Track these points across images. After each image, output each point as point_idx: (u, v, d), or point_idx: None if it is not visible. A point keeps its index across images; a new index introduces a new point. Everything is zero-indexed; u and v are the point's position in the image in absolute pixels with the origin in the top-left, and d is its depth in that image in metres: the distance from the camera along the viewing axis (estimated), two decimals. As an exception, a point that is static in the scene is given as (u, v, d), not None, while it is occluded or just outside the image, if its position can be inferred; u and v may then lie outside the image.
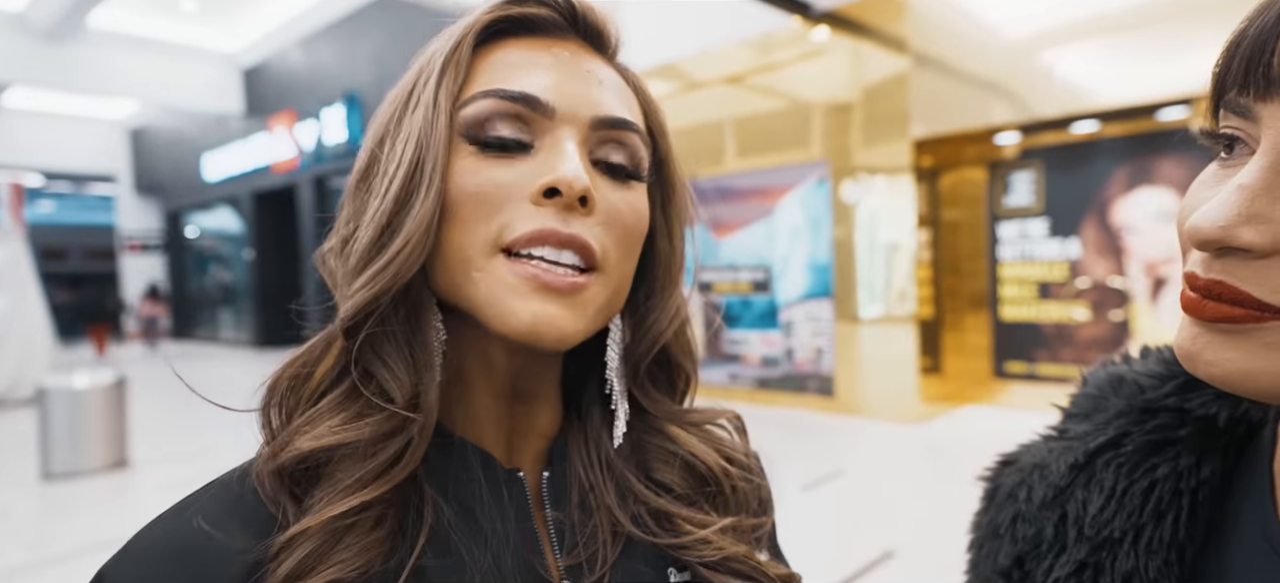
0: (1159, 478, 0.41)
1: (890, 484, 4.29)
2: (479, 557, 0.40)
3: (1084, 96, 4.88)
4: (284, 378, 0.41)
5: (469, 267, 0.39)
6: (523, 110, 0.40)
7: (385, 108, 0.44)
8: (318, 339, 0.42)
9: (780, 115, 6.30)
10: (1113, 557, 0.41)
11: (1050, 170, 5.58)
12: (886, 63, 5.56)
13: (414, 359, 0.40)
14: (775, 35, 6.17)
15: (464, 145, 0.40)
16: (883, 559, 3.14)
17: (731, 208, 6.67)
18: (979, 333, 6.01)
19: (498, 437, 0.44)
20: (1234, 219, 0.31)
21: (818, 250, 6.06)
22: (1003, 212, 5.80)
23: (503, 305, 0.38)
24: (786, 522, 2.32)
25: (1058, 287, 5.55)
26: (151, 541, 0.38)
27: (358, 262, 0.40)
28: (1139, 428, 0.43)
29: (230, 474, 0.41)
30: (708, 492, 0.47)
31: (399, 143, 0.40)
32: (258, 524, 0.38)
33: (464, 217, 0.39)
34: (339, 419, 0.39)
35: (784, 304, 6.34)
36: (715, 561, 0.44)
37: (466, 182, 0.39)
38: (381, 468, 0.38)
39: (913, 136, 5.45)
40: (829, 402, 6.02)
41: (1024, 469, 0.48)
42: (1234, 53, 0.33)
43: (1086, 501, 0.43)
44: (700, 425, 0.49)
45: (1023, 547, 0.45)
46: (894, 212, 5.61)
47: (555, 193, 0.38)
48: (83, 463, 5.04)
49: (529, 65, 0.41)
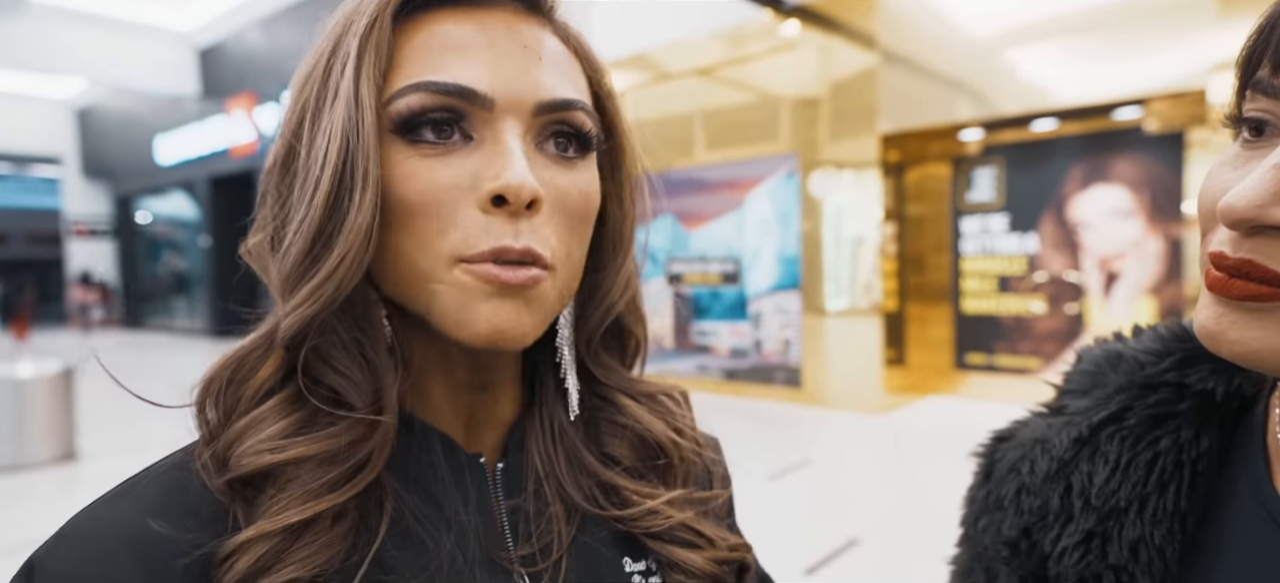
0: (1161, 450, 0.43)
1: (855, 473, 4.37)
2: (441, 543, 0.39)
3: (1044, 95, 5.01)
4: (221, 375, 0.39)
5: (427, 280, 0.37)
6: (458, 103, 0.37)
7: (298, 87, 0.40)
8: (259, 336, 0.40)
9: (750, 108, 6.33)
10: (1120, 526, 0.42)
11: (1011, 167, 5.72)
12: (855, 58, 5.62)
13: (369, 362, 0.38)
14: (746, 28, 6.19)
15: (396, 141, 0.37)
16: (847, 547, 3.20)
17: (701, 200, 6.69)
18: (941, 325, 6.15)
19: (457, 422, 0.43)
20: (1269, 198, 0.31)
21: (786, 243, 6.12)
22: (965, 207, 5.93)
23: (466, 313, 0.37)
24: (753, 511, 2.35)
25: (1016, 280, 5.70)
26: (92, 527, 0.35)
27: (291, 275, 0.37)
28: (1140, 403, 0.45)
29: (167, 461, 0.39)
30: (657, 465, 0.47)
31: (320, 137, 0.37)
32: (204, 515, 0.36)
33: (412, 226, 0.36)
34: (289, 423, 0.37)
35: (753, 296, 6.39)
36: (662, 530, 0.45)
37: (407, 187, 0.36)
38: (347, 475, 0.37)
39: (880, 132, 5.53)
40: (796, 392, 6.10)
41: (1024, 444, 0.49)
42: (1269, 32, 0.33)
43: (1092, 473, 0.44)
44: (651, 398, 0.49)
45: (1029, 518, 0.46)
46: (861, 205, 5.69)
47: (503, 201, 0.36)
48: (28, 456, 4.84)
49: (460, 47, 0.37)
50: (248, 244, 0.42)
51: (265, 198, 0.41)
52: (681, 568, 0.45)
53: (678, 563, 0.45)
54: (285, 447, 0.36)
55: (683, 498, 0.47)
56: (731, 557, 0.47)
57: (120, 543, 0.35)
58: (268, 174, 0.40)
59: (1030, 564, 0.45)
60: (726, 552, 0.47)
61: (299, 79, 0.40)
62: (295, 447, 0.36)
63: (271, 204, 0.40)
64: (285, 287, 0.38)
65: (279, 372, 0.39)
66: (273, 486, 0.36)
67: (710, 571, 0.46)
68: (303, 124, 0.38)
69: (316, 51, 0.40)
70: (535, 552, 0.42)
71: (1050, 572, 0.44)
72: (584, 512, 0.45)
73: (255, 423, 0.37)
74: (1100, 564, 0.42)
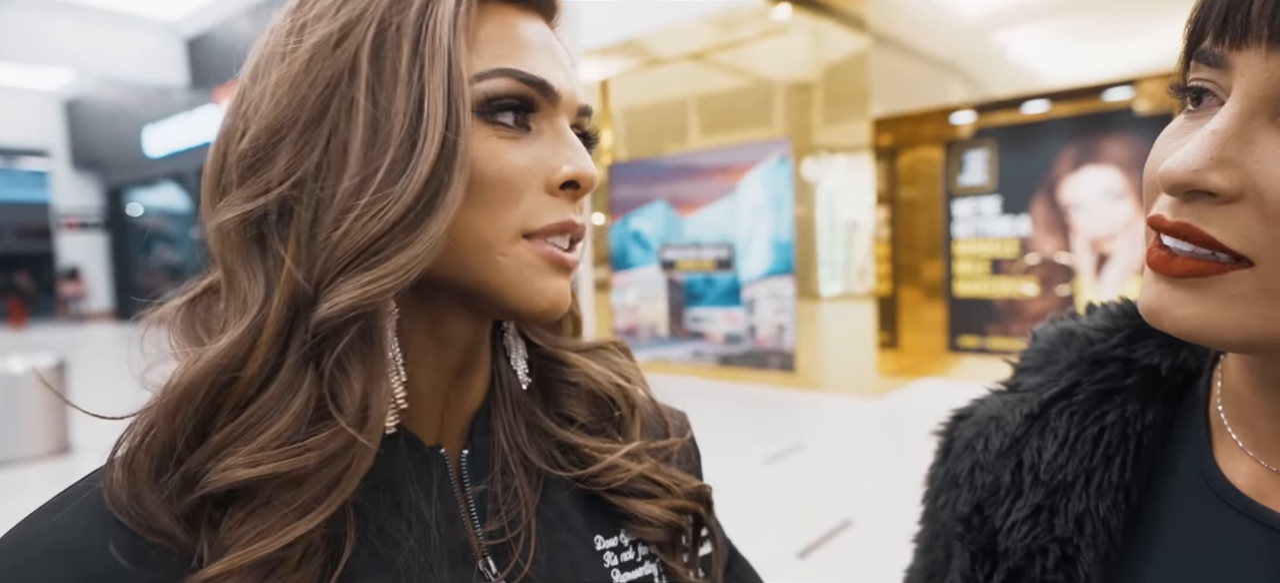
0: (1108, 425, 0.44)
1: (849, 456, 4.40)
2: (403, 544, 0.40)
3: (1035, 77, 5.02)
4: (201, 386, 0.34)
5: (492, 251, 0.38)
6: (535, 94, 0.39)
7: (326, 36, 0.35)
8: (241, 333, 0.35)
9: (743, 93, 6.31)
10: (1066, 499, 0.43)
11: (1002, 150, 5.73)
12: (847, 41, 5.61)
13: (368, 362, 0.36)
14: (737, 12, 6.16)
15: (476, 121, 0.38)
16: (842, 528, 3.23)
17: (695, 186, 6.68)
18: (934, 308, 6.18)
19: (431, 413, 0.43)
20: (1206, 163, 0.32)
21: (780, 228, 6.13)
22: (958, 190, 5.94)
23: (529, 286, 0.39)
24: (748, 494, 2.36)
25: (1009, 263, 5.73)
26: (29, 538, 0.34)
27: (361, 250, 0.34)
28: (1089, 378, 0.46)
29: (90, 481, 0.36)
30: (613, 418, 0.49)
31: (401, 102, 0.35)
32: (147, 549, 0.34)
33: (486, 201, 0.38)
34: (279, 431, 0.34)
35: (747, 282, 6.40)
36: (624, 484, 0.46)
37: (489, 166, 0.37)
38: (319, 495, 0.34)
39: (872, 115, 5.53)
40: (790, 377, 6.13)
41: (980, 422, 0.50)
42: (1211, 4, 0.34)
43: (1041, 448, 0.45)
44: (591, 351, 0.51)
45: (981, 494, 0.47)
46: (854, 190, 5.70)
47: (572, 185, 0.40)
48: (22, 449, 4.83)
49: (526, 44, 0.40)
50: (225, 218, 0.36)
51: (268, 161, 0.36)
52: (639, 520, 0.46)
53: (636, 515, 0.46)
54: (259, 461, 0.34)
55: (640, 448, 0.48)
56: (687, 505, 0.48)
57: (60, 557, 0.33)
58: (272, 132, 0.35)
59: (981, 539, 0.46)
60: (682, 499, 0.48)
61: (326, 33, 0.36)
62: (269, 462, 0.34)
63: (286, 165, 0.35)
64: (345, 262, 0.34)
65: (268, 367, 0.35)
66: (241, 507, 0.34)
67: (666, 519, 0.47)
68: (353, 83, 0.35)
69: (351, 6, 0.36)
70: (503, 526, 0.43)
71: (1000, 546, 0.45)
72: (547, 475, 0.46)
73: (240, 433, 0.34)
74: (1047, 537, 0.43)
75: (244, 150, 0.36)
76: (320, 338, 0.35)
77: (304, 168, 0.35)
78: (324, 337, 0.35)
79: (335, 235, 0.35)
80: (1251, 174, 0.31)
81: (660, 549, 0.47)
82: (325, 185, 0.35)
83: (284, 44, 0.37)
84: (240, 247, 0.36)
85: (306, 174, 0.35)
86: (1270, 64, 0.31)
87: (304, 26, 0.37)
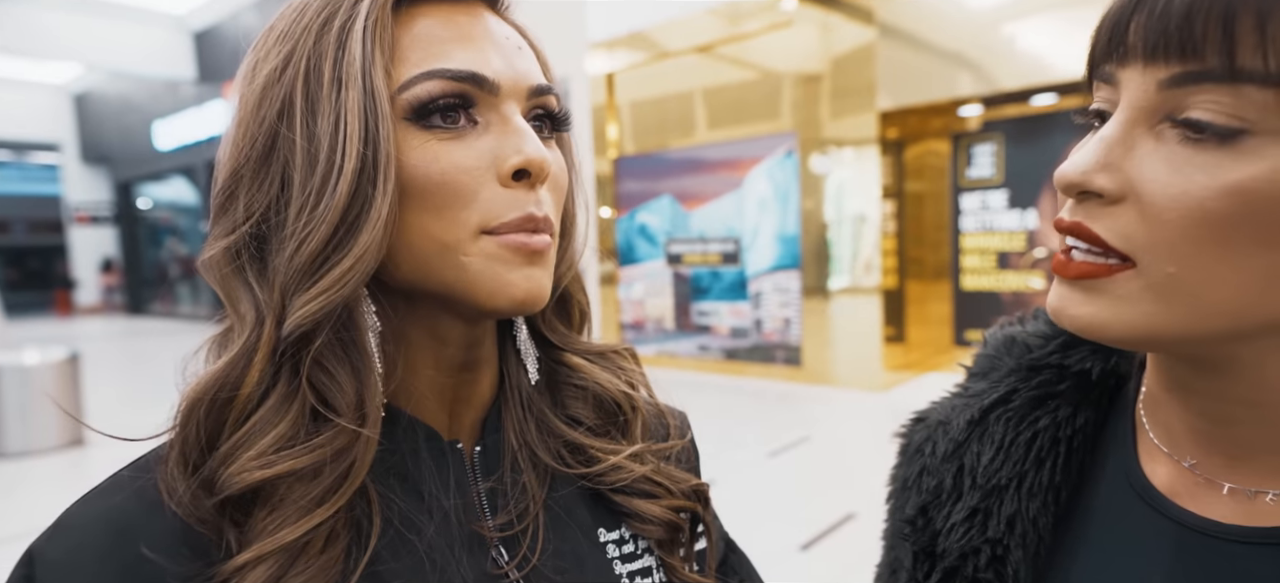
0: (1040, 429, 0.46)
1: (854, 450, 4.41)
2: (425, 532, 0.42)
3: (1044, 69, 4.98)
4: (203, 402, 0.38)
5: (454, 252, 0.39)
6: (470, 89, 0.39)
7: (270, 73, 0.39)
8: (237, 354, 0.38)
9: (750, 86, 6.29)
10: (999, 502, 0.46)
11: (1010, 143, 5.69)
12: (854, 34, 5.58)
13: (353, 364, 0.39)
14: (744, 5, 6.14)
15: (409, 128, 0.39)
16: (845, 521, 3.24)
17: (701, 180, 6.67)
18: (941, 302, 6.16)
19: (440, 408, 0.45)
20: (1093, 166, 0.36)
21: (786, 222, 6.12)
22: (965, 183, 5.91)
23: (498, 280, 0.39)
24: (752, 487, 2.37)
25: (1016, 257, 5.70)
26: (87, 517, 0.37)
27: (308, 266, 0.37)
28: (1026, 385, 0.48)
29: (143, 463, 0.39)
30: (617, 421, 0.50)
31: (325, 126, 0.37)
32: (192, 536, 0.37)
33: (435, 204, 0.38)
34: (279, 434, 0.37)
35: (753, 276, 6.40)
36: (628, 484, 0.48)
37: (430, 169, 0.38)
38: (332, 486, 0.37)
39: (879, 108, 5.50)
40: (796, 371, 6.13)
41: (930, 426, 0.52)
42: (1100, 29, 0.38)
43: (980, 452, 0.47)
44: (601, 356, 0.52)
45: (926, 497, 0.49)
46: (860, 183, 5.68)
47: (524, 174, 0.40)
48: (36, 441, 4.89)
49: (461, 38, 0.40)
50: (208, 255, 0.40)
51: (233, 199, 0.39)
52: (640, 518, 0.48)
53: (638, 513, 0.48)
54: (273, 462, 0.36)
55: (643, 451, 0.50)
56: (686, 504, 0.50)
57: (113, 534, 0.36)
58: (233, 175, 0.39)
59: (923, 539, 0.48)
60: (680, 498, 0.50)
61: (270, 71, 0.39)
62: (283, 461, 0.36)
63: (246, 203, 0.39)
64: (296, 281, 0.37)
65: (264, 381, 0.38)
66: (262, 505, 0.37)
67: (666, 518, 0.49)
68: (291, 112, 0.38)
69: (287, 41, 0.39)
70: (512, 518, 0.45)
71: (938, 547, 0.47)
72: (554, 471, 0.48)
73: (243, 442, 0.37)
74: (980, 538, 0.45)
75: (217, 192, 0.40)
76: (295, 349, 0.38)
77: (264, 202, 0.39)
78: (297, 347, 0.38)
79: (285, 257, 0.38)
80: (1131, 177, 0.35)
81: (659, 545, 0.49)
82: (280, 214, 0.38)
83: (244, 86, 0.40)
84: (227, 278, 0.40)
85: (268, 206, 0.39)
86: (1147, 77, 0.35)
87: (256, 66, 0.40)
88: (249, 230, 0.39)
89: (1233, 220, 0.32)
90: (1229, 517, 0.39)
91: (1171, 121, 0.34)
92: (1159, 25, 0.33)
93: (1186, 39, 0.32)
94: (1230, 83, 0.32)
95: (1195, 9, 0.32)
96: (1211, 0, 0.32)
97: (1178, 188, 0.33)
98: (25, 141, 16.97)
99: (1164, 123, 0.34)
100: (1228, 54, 0.31)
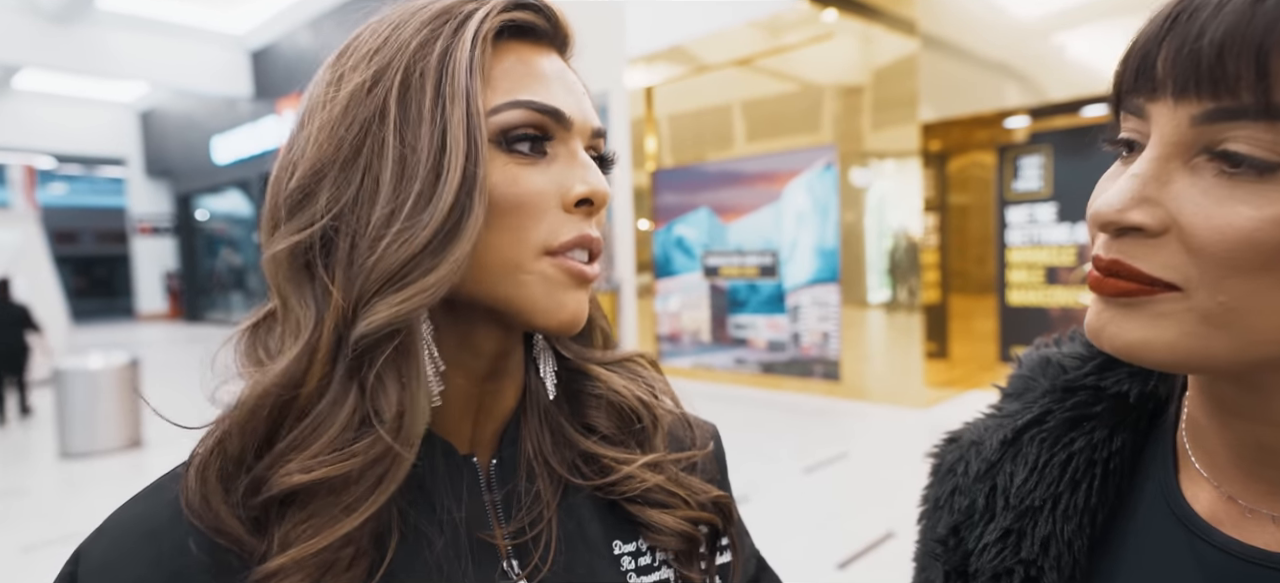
0: (1075, 451, 0.45)
1: (893, 467, 4.31)
2: (436, 543, 0.43)
3: (1095, 79, 4.83)
4: (267, 401, 0.38)
5: (518, 269, 0.41)
6: (549, 122, 0.42)
7: (360, 84, 0.40)
8: (300, 352, 0.39)
9: (789, 99, 6.26)
10: (1033, 523, 0.45)
11: (1059, 154, 5.53)
12: (896, 45, 5.51)
13: (403, 376, 0.40)
14: (784, 17, 6.13)
15: (494, 150, 0.41)
16: (884, 539, 3.17)
17: (739, 193, 6.66)
18: (986, 318, 6.00)
19: (463, 420, 0.46)
20: (1128, 202, 0.35)
21: (825, 235, 6.05)
22: (1012, 196, 5.76)
23: (552, 300, 0.42)
24: (788, 503, 2.33)
25: (1065, 272, 5.53)
26: (125, 522, 0.40)
27: (392, 274, 0.38)
28: (1060, 406, 0.47)
29: (178, 471, 0.41)
30: (634, 430, 0.51)
31: (426, 137, 0.39)
32: (214, 544, 0.39)
33: (509, 223, 0.41)
34: (330, 438, 0.38)
35: (790, 289, 6.34)
36: (638, 493, 0.49)
37: (508, 190, 0.41)
38: (363, 496, 0.38)
39: (921, 120, 5.41)
40: (835, 386, 6.04)
41: (963, 446, 0.52)
42: (1127, 61, 0.37)
43: (1013, 473, 0.47)
44: (619, 364, 0.53)
45: (958, 517, 0.49)
46: (902, 196, 5.59)
47: (587, 202, 0.43)
48: (99, 442, 5.13)
49: (540, 77, 0.43)
50: (277, 250, 0.40)
51: (313, 197, 0.40)
52: (654, 528, 0.49)
53: (651, 524, 0.49)
54: (312, 467, 0.37)
55: (658, 460, 0.50)
56: (703, 516, 0.50)
57: (145, 537, 0.39)
58: (315, 173, 0.40)
59: (955, 559, 0.48)
60: (696, 509, 0.50)
61: (361, 82, 0.40)
62: (320, 467, 0.37)
63: (327, 200, 0.40)
64: (377, 284, 0.38)
65: (323, 383, 0.39)
66: (298, 508, 0.38)
67: (681, 529, 0.49)
68: (383, 124, 0.39)
69: (380, 56, 0.41)
70: (524, 525, 0.46)
71: (970, 567, 0.46)
72: (567, 482, 0.48)
73: (297, 444, 0.38)
74: (1013, 559, 0.45)
75: (292, 189, 0.41)
76: (360, 353, 0.39)
77: (343, 202, 0.40)
78: (363, 352, 0.39)
79: (370, 261, 0.38)
80: (1171, 211, 0.35)
81: (677, 558, 0.49)
82: (361, 217, 0.39)
83: (325, 94, 0.42)
84: (291, 275, 0.40)
85: (345, 207, 0.39)
86: (1178, 112, 0.34)
87: (341, 77, 0.42)
88: (324, 227, 0.39)
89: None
90: (1274, 545, 0.38)
91: (1208, 155, 0.34)
92: (1189, 62, 0.33)
93: (1219, 77, 0.32)
94: (1267, 119, 0.31)
95: (1227, 46, 0.32)
96: (1243, 37, 0.31)
97: (1222, 220, 0.33)
98: (94, 156, 17.90)
99: (1200, 156, 0.34)
100: (1262, 92, 0.31)
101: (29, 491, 4.56)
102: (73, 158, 17.59)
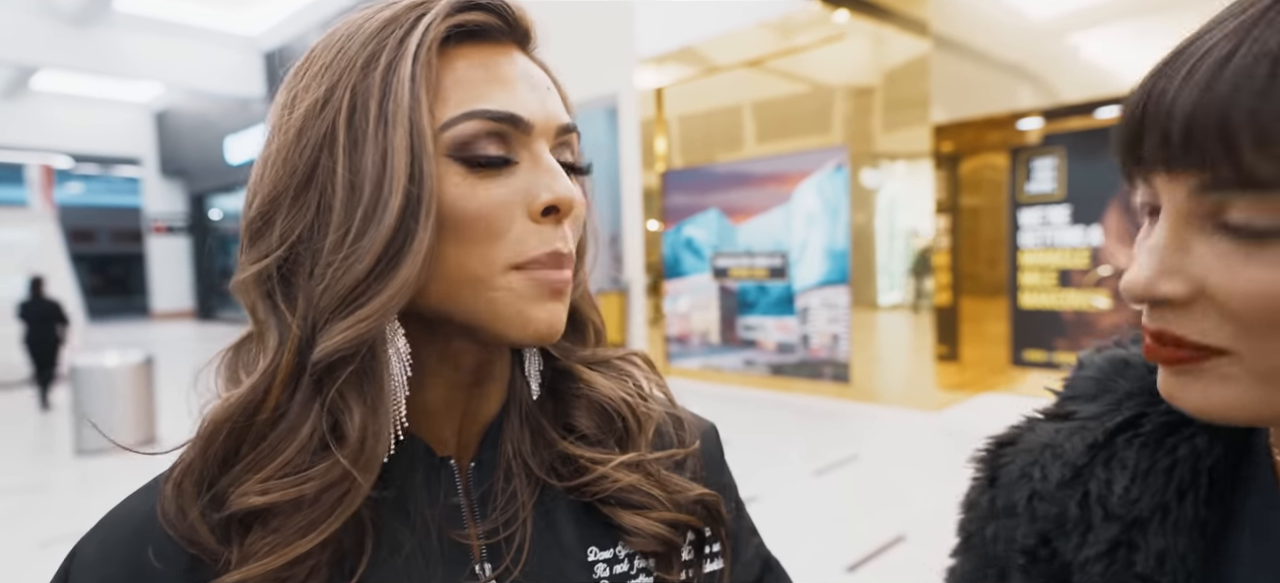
0: (1179, 458, 0.43)
1: (904, 470, 4.29)
2: (407, 541, 0.43)
3: (1110, 80, 4.79)
4: (225, 423, 0.39)
5: (483, 285, 0.40)
6: (507, 129, 0.41)
7: (312, 106, 0.40)
8: (259, 379, 0.39)
9: (800, 100, 6.24)
10: (1144, 535, 0.42)
11: (1073, 156, 5.48)
12: (907, 46, 5.49)
13: (368, 397, 0.39)
14: (795, 18, 6.11)
15: (449, 164, 0.40)
16: (894, 543, 3.15)
17: (748, 194, 6.64)
18: (997, 321, 5.95)
19: (446, 424, 0.46)
20: (1155, 276, 0.35)
21: (835, 236, 6.03)
22: (1024, 198, 5.72)
23: (522, 315, 0.41)
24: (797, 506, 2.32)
25: (1079, 274, 5.47)
26: (117, 519, 0.41)
27: (350, 294, 0.38)
28: (1154, 409, 0.45)
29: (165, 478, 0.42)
30: (616, 430, 0.49)
31: (370, 161, 0.38)
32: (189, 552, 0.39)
33: (470, 238, 0.40)
34: (285, 460, 0.38)
35: (800, 290, 6.32)
36: (611, 493, 0.47)
37: (467, 205, 0.39)
38: (320, 517, 0.38)
39: (933, 122, 5.38)
40: (844, 388, 6.01)
41: (1032, 450, 0.49)
42: (1118, 136, 0.37)
43: (1110, 480, 0.44)
44: (606, 364, 0.52)
45: (1045, 525, 0.46)
46: (913, 198, 5.56)
47: (553, 210, 0.42)
48: (115, 439, 5.17)
49: (494, 80, 0.41)
50: (242, 277, 0.41)
51: (269, 225, 0.40)
52: (629, 531, 0.47)
53: (625, 526, 0.47)
54: (269, 489, 0.38)
55: (634, 460, 0.48)
56: (681, 518, 0.48)
57: (132, 537, 0.40)
58: (272, 201, 0.40)
59: (1052, 570, 0.45)
60: (674, 510, 0.48)
61: (312, 103, 0.40)
62: (276, 490, 0.38)
63: (281, 230, 0.40)
64: (329, 309, 0.38)
65: (283, 405, 0.39)
66: (261, 526, 0.38)
67: (655, 531, 0.47)
68: (334, 147, 0.39)
69: (329, 75, 0.40)
70: (497, 526, 0.45)
71: (1074, 580, 0.44)
72: (544, 484, 0.47)
73: (255, 461, 0.39)
74: (1127, 573, 0.42)
75: (253, 217, 0.41)
76: (319, 376, 0.39)
77: (299, 229, 0.40)
78: (323, 375, 0.39)
79: (320, 287, 0.39)
80: (1196, 278, 0.34)
81: (656, 562, 0.47)
82: (316, 242, 0.39)
83: (280, 118, 0.42)
84: (258, 300, 0.41)
85: (301, 235, 0.40)
86: (1175, 185, 0.35)
87: (296, 98, 0.41)
88: (281, 256, 0.40)
89: None
90: None
91: (1215, 223, 0.34)
92: (1163, 145, 0.34)
93: (1194, 156, 0.32)
94: (1254, 190, 0.31)
95: (1193, 125, 0.32)
96: (1207, 111, 0.31)
97: (1248, 286, 0.33)
98: (110, 156, 18.10)
99: (1208, 223, 0.34)
100: (1236, 166, 0.31)
101: (46, 487, 4.62)
102: (89, 158, 17.79)
